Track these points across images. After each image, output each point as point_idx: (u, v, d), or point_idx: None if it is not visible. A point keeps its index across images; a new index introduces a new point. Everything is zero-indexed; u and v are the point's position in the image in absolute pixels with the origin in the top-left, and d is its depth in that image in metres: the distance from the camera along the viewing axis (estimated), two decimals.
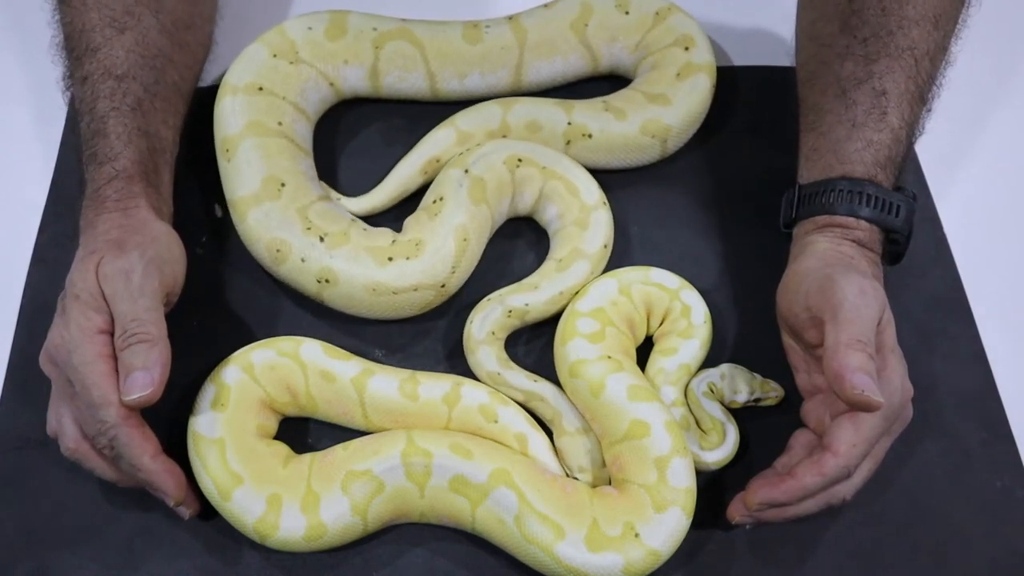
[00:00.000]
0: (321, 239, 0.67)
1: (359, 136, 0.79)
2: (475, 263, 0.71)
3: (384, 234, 0.69)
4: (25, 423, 0.66)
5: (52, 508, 0.64)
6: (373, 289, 0.66)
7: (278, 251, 0.67)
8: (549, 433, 0.66)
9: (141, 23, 0.68)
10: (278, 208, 0.68)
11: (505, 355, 0.68)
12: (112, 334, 0.59)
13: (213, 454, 0.61)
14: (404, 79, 0.77)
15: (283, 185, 0.69)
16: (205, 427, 0.62)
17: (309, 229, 0.67)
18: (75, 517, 0.63)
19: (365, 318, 0.69)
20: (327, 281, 0.67)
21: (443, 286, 0.68)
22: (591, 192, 0.72)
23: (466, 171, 0.70)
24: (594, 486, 0.63)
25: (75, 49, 0.68)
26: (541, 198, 0.73)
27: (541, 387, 0.66)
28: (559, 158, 0.72)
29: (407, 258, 0.67)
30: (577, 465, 0.64)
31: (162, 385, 0.58)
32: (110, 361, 0.58)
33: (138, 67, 0.67)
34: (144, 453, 0.58)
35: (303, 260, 0.67)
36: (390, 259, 0.67)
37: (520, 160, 0.71)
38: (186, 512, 0.60)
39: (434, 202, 0.70)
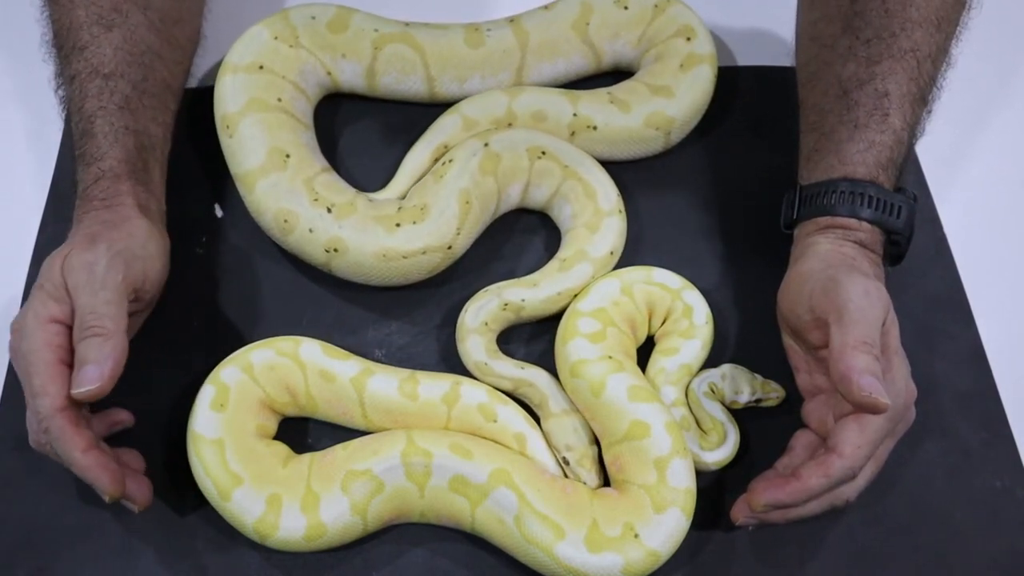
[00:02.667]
0: (328, 210, 0.68)
1: (358, 136, 0.79)
2: (478, 228, 0.72)
3: (390, 203, 0.71)
4: (25, 423, 0.66)
5: (52, 508, 0.64)
6: (384, 255, 0.67)
7: (286, 221, 0.68)
8: (539, 421, 0.66)
9: (129, 20, 0.68)
10: (285, 179, 0.69)
11: (495, 346, 0.68)
12: (69, 327, 0.59)
13: (212, 454, 0.61)
14: (402, 81, 0.77)
15: (288, 156, 0.70)
16: (204, 427, 0.62)
17: (316, 200, 0.68)
18: (75, 517, 0.63)
19: (373, 286, 0.70)
20: (336, 251, 0.67)
21: (450, 247, 0.69)
22: (608, 198, 0.71)
23: (486, 144, 0.71)
24: (581, 464, 0.63)
25: (63, 47, 0.68)
26: (557, 195, 0.73)
27: (529, 373, 0.66)
28: (583, 159, 0.73)
29: (414, 222, 0.68)
30: (564, 444, 0.64)
31: (112, 380, 0.57)
32: (57, 351, 0.58)
33: (126, 65, 0.67)
34: (75, 448, 0.56)
35: (311, 231, 0.68)
36: (397, 225, 0.68)
37: (544, 152, 0.72)
38: (134, 507, 0.59)
39: (443, 164, 0.71)
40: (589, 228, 0.71)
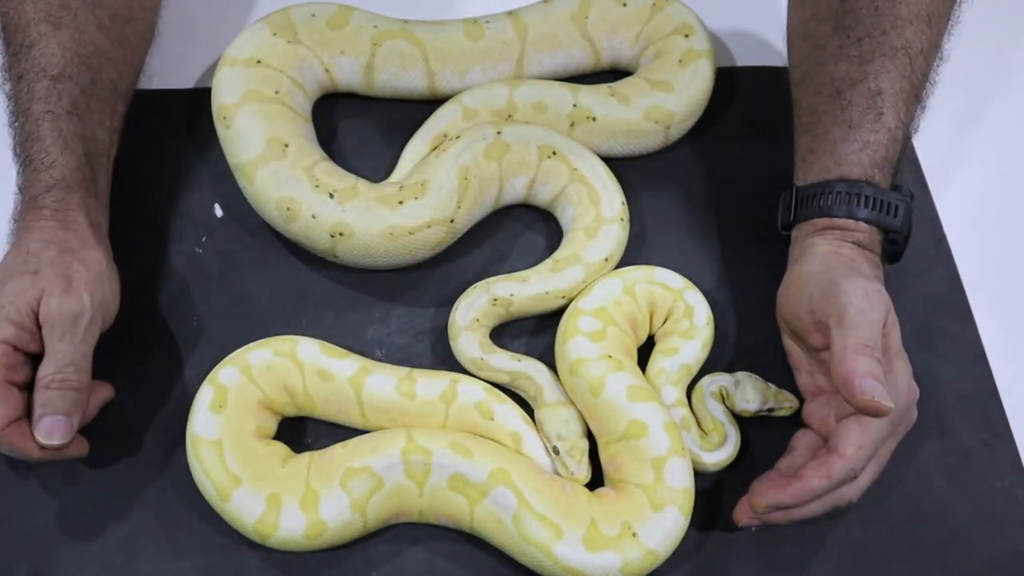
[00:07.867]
0: (331, 195, 0.68)
1: (356, 135, 0.79)
2: (478, 208, 0.72)
3: (390, 184, 0.71)
4: None
5: (51, 508, 0.64)
6: (390, 233, 0.68)
7: (288, 209, 0.68)
8: (534, 416, 0.66)
9: (78, 18, 0.66)
10: (285, 167, 0.69)
11: (488, 340, 0.68)
12: (18, 351, 0.59)
13: (211, 455, 0.61)
14: (400, 77, 0.78)
15: (287, 145, 0.70)
16: (203, 429, 0.62)
17: (318, 186, 0.69)
18: (74, 517, 0.63)
19: (377, 268, 0.71)
20: (341, 235, 0.68)
21: (452, 221, 0.69)
22: (612, 206, 0.71)
23: (499, 132, 0.71)
24: (571, 454, 0.63)
25: (12, 44, 0.66)
26: (561, 196, 0.73)
27: (525, 365, 0.66)
28: (595, 166, 0.73)
29: (415, 198, 0.69)
30: (556, 433, 0.63)
31: (74, 432, 0.59)
32: (5, 371, 0.58)
33: (74, 66, 0.66)
34: (31, 453, 0.59)
35: (314, 216, 0.68)
36: (400, 203, 0.68)
37: (554, 152, 0.72)
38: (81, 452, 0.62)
39: (450, 140, 0.72)
40: (587, 233, 0.71)
